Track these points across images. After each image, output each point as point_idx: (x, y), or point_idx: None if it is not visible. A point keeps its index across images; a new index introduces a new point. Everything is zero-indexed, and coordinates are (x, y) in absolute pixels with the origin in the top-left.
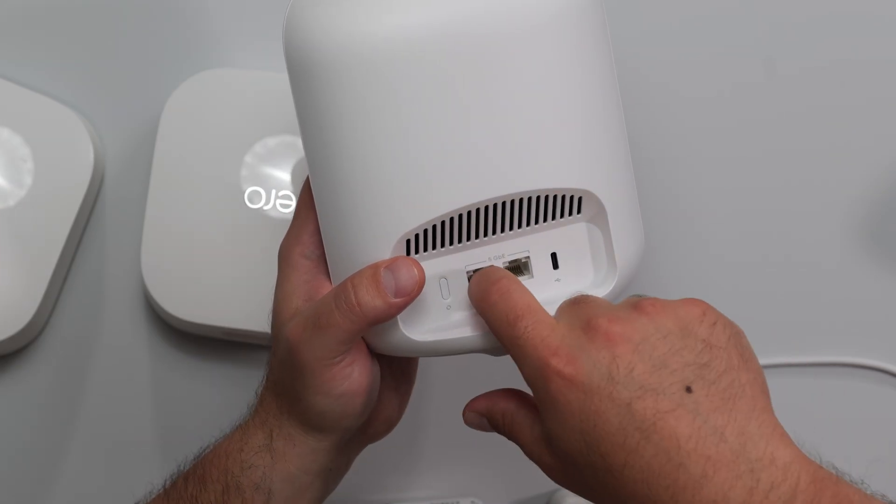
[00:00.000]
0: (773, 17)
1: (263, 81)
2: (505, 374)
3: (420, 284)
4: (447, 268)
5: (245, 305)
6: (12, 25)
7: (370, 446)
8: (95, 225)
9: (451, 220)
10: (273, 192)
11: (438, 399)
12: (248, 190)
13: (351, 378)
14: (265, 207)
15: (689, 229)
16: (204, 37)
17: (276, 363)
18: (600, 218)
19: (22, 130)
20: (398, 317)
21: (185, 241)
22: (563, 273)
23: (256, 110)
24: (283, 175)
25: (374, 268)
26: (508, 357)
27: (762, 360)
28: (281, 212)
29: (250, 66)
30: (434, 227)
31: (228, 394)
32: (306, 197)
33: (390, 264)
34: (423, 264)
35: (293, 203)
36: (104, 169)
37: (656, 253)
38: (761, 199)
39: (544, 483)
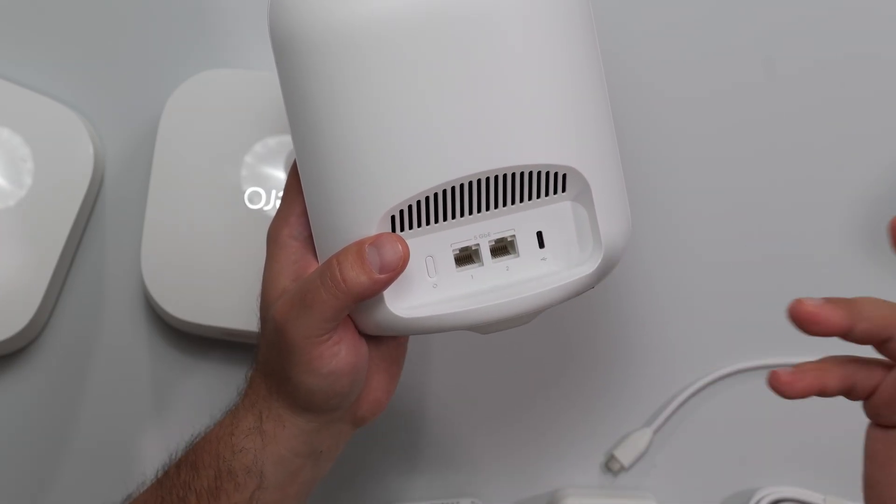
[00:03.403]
0: (773, 16)
1: (263, 81)
2: (505, 374)
3: (404, 260)
4: (433, 246)
5: (245, 306)
6: (12, 25)
7: (371, 446)
8: (95, 225)
9: (436, 196)
10: (273, 192)
11: (438, 399)
12: (248, 190)
13: (338, 356)
14: (265, 208)
15: (689, 228)
16: (204, 37)
17: (265, 344)
18: (585, 196)
19: (22, 130)
20: (384, 294)
21: (185, 241)
22: (548, 252)
23: (256, 110)
24: (284, 175)
25: (359, 244)
26: (496, 338)
27: (762, 361)
28: None
29: (250, 66)
30: (419, 203)
31: (228, 394)
32: (293, 180)
33: (375, 241)
34: (409, 242)
35: None
36: (104, 169)
37: (655, 254)
38: (761, 198)
39: (544, 483)
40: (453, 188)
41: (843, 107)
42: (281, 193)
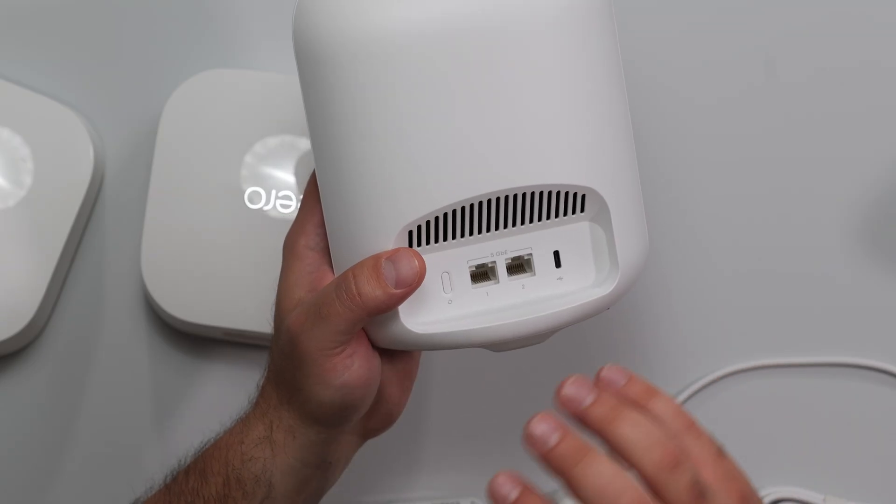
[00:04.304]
0: (774, 23)
1: (263, 81)
2: (505, 374)
3: (420, 276)
4: (449, 262)
5: (245, 306)
6: (12, 26)
7: (371, 446)
8: (95, 225)
9: (454, 212)
10: (273, 192)
11: (439, 399)
12: (249, 190)
13: (351, 369)
14: (265, 208)
15: (691, 232)
16: (204, 37)
17: (278, 353)
18: (603, 217)
19: (22, 130)
20: (399, 309)
21: (185, 241)
22: (565, 272)
23: (256, 110)
24: (284, 175)
25: (376, 258)
26: (508, 354)
27: (763, 361)
28: (281, 212)
29: (250, 66)
30: (436, 219)
31: (229, 394)
32: (312, 189)
33: (391, 255)
34: (426, 257)
35: (293, 203)
36: (104, 169)
37: (657, 257)
38: (762, 201)
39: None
40: (472, 205)
41: (845, 112)
42: (281, 193)
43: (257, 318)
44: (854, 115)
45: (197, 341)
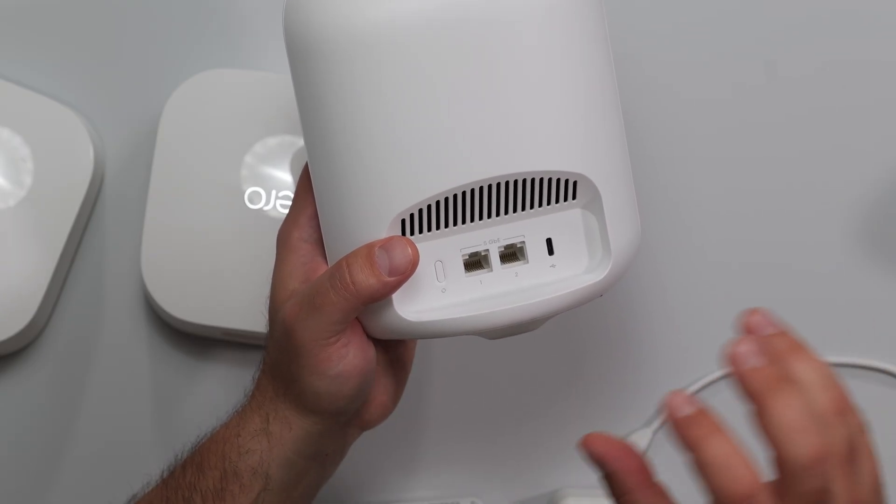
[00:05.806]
0: (774, 19)
1: (263, 81)
2: (505, 373)
3: (414, 263)
4: (442, 250)
5: (245, 306)
6: (12, 26)
7: (371, 445)
8: (95, 225)
9: (447, 200)
10: (273, 192)
11: (438, 399)
12: (249, 190)
13: (346, 359)
14: (265, 208)
15: (690, 231)
16: (204, 37)
17: (273, 345)
18: (595, 204)
19: (22, 130)
20: (393, 298)
21: (185, 241)
22: (557, 259)
23: (256, 110)
24: (284, 175)
25: (369, 247)
26: (504, 344)
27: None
28: (281, 212)
29: (251, 66)
30: (429, 207)
31: (228, 394)
32: (305, 182)
33: (385, 243)
34: (419, 246)
35: None
36: (104, 169)
37: (656, 254)
38: (762, 200)
39: (544, 483)
40: (464, 193)
41: (844, 109)
42: (281, 193)
43: (257, 318)
44: (856, 113)
45: (197, 341)
